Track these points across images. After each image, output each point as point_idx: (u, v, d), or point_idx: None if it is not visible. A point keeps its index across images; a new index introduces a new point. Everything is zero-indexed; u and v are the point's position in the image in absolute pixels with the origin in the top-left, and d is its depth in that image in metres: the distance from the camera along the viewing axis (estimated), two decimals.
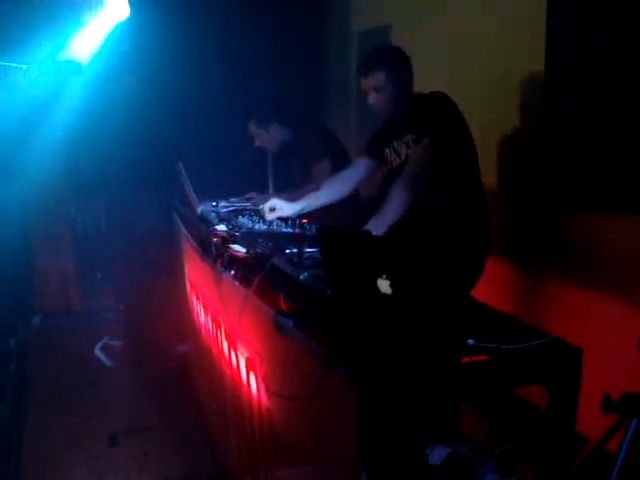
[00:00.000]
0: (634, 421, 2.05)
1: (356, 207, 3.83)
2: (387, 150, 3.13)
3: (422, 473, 1.84)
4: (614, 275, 2.85)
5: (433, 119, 2.87)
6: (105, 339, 5.10)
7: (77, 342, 5.09)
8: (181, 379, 4.27)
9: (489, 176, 3.52)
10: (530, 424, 2.02)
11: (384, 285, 1.78)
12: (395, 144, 3.08)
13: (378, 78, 2.98)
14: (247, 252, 2.62)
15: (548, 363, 1.81)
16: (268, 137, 4.20)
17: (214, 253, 2.90)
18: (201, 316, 3.35)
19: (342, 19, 5.65)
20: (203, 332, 3.35)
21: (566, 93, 1.84)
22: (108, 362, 4.75)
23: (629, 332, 2.18)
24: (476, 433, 2.23)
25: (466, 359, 1.72)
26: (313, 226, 2.98)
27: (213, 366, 3.10)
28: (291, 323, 1.97)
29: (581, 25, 1.80)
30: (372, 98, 3.03)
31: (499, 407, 2.60)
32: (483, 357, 1.73)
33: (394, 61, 3.03)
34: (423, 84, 3.09)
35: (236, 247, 2.69)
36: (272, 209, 3.17)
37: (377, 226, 2.64)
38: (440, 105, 2.90)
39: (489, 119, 3.45)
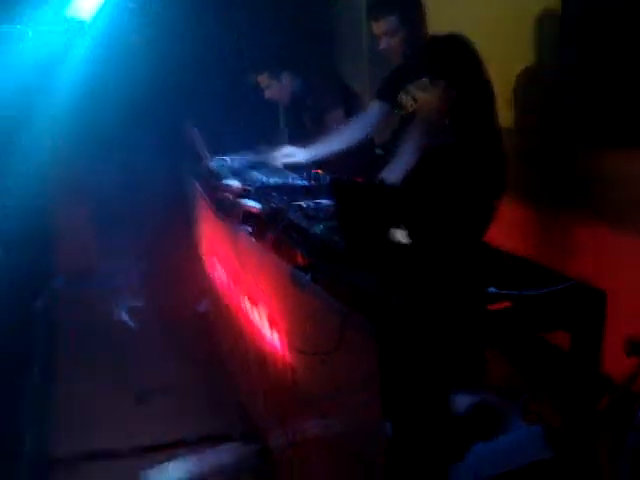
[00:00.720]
0: None
1: (371, 154, 3.76)
2: (402, 94, 3.06)
3: (447, 423, 1.83)
4: (634, 213, 2.78)
5: (449, 61, 2.80)
6: (128, 301, 5.11)
7: (100, 303, 5.10)
8: (204, 338, 4.28)
9: (506, 113, 3.44)
10: (556, 369, 2.00)
11: (401, 234, 1.75)
12: (410, 88, 3.00)
13: (390, 21, 2.88)
14: (261, 207, 2.58)
15: (571, 308, 1.78)
16: (280, 88, 4.10)
17: (228, 209, 2.87)
18: (219, 274, 3.34)
19: None
20: (222, 290, 3.34)
21: (584, 27, 1.76)
22: (132, 323, 4.78)
23: None
24: (501, 380, 2.22)
25: (488, 307, 1.69)
26: (327, 177, 2.93)
27: (234, 324, 3.10)
28: (308, 278, 1.94)
29: None
30: (384, 43, 2.95)
31: (524, 352, 2.57)
32: (505, 304, 1.70)
33: (405, 2, 2.93)
34: (438, 24, 3.00)
35: (250, 202, 2.66)
36: (284, 155, 3.13)
37: (393, 173, 2.59)
38: (456, 46, 2.83)
39: (507, 56, 3.34)
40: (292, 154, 3.13)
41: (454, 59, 2.80)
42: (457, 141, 2.87)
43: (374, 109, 3.24)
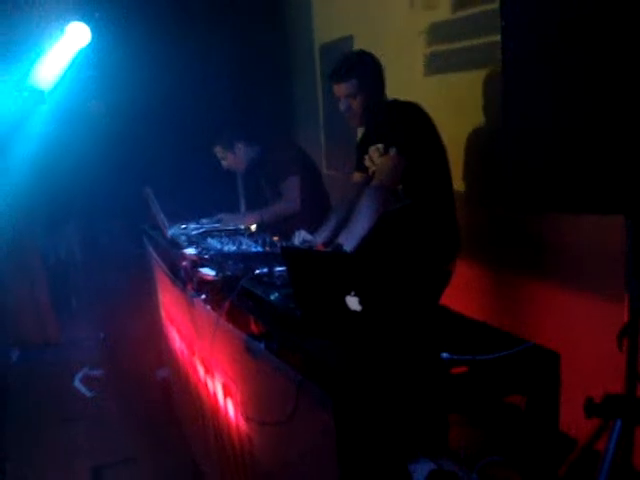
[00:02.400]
0: (618, 422, 2.01)
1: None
2: (366, 157, 3.10)
3: None
4: (588, 275, 2.82)
5: (401, 129, 2.85)
6: (84, 369, 5.00)
7: (57, 374, 4.98)
8: (163, 406, 4.19)
9: (461, 181, 3.50)
10: (515, 432, 1.99)
11: (353, 302, 1.74)
12: (370, 151, 3.05)
13: (351, 84, 2.94)
14: (216, 275, 2.57)
15: (526, 371, 1.77)
16: (234, 159, 4.13)
17: (184, 277, 2.85)
18: (176, 342, 3.29)
19: (305, 32, 5.63)
20: (180, 358, 3.29)
21: (527, 91, 1.81)
22: (88, 393, 4.66)
23: (607, 332, 2.15)
24: (460, 444, 2.19)
25: (442, 373, 1.68)
26: (283, 244, 2.93)
27: (192, 392, 3.05)
28: (262, 346, 1.92)
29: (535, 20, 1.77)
30: (344, 105, 2.99)
31: (484, 416, 2.56)
32: (460, 369, 1.69)
33: (367, 67, 3.00)
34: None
35: (205, 270, 2.64)
36: (303, 241, 3.04)
37: (348, 239, 2.61)
38: (409, 114, 2.89)
39: (459, 126, 3.42)
40: (310, 239, 2.96)
41: (406, 127, 2.84)
42: (411, 204, 2.91)
43: (357, 181, 3.23)
